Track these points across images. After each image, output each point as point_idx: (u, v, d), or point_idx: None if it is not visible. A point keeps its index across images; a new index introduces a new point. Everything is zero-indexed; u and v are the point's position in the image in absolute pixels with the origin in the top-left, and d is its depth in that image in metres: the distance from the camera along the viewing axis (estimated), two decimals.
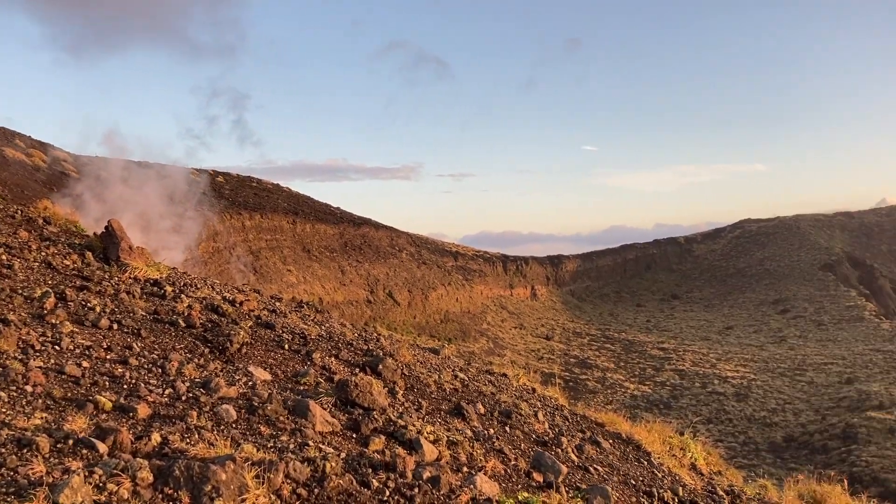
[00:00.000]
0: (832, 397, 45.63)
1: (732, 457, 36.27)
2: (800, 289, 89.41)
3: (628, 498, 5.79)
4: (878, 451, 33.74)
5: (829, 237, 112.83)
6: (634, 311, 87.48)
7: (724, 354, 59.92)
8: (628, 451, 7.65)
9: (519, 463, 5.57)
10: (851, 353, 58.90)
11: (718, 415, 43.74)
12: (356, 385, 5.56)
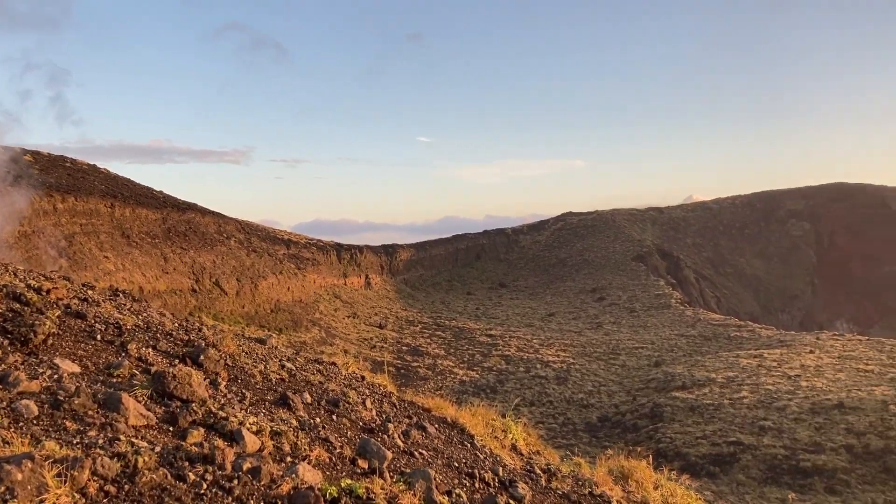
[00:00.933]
0: (642, 379, 49.21)
1: (553, 437, 38.23)
2: (615, 278, 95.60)
3: (451, 480, 5.96)
4: (680, 427, 36.80)
5: (642, 230, 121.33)
6: (465, 299, 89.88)
7: (547, 340, 62.95)
8: (453, 434, 7.87)
9: (344, 451, 5.57)
10: (659, 338, 63.83)
11: (540, 397, 45.91)
12: (174, 377, 5.33)
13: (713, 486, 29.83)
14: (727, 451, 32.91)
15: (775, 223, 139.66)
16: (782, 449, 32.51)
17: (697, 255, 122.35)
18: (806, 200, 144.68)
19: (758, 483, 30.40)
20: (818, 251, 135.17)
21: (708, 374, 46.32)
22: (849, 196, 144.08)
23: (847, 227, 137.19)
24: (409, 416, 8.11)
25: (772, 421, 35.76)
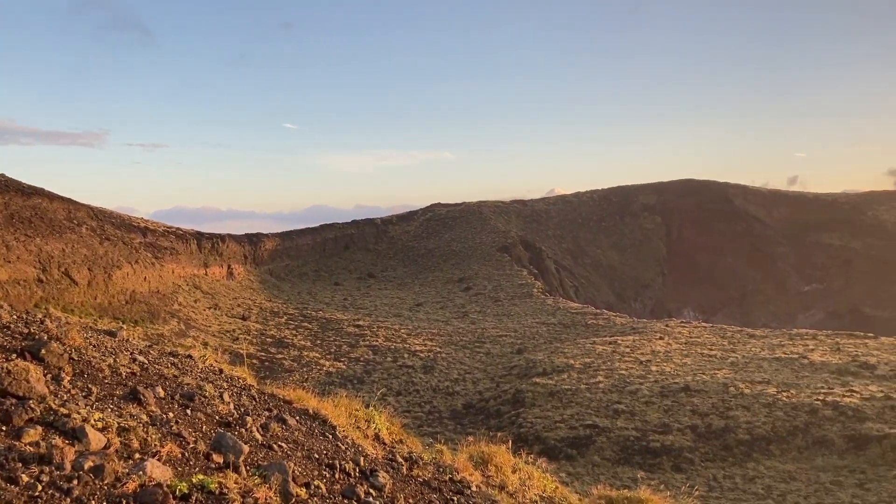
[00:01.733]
0: (505, 366, 50.56)
1: (419, 425, 38.62)
2: (481, 268, 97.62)
3: (310, 471, 5.89)
4: (540, 412, 38.11)
5: (507, 222, 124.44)
6: (332, 290, 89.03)
7: (414, 330, 63.45)
8: (314, 426, 7.78)
9: (199, 446, 5.39)
10: (522, 326, 65.77)
11: (407, 387, 46.24)
12: (8, 372, 4.96)
13: (570, 467, 31.11)
14: (584, 434, 34.41)
15: (629, 216, 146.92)
16: (634, 431, 34.35)
17: (558, 246, 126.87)
18: (657, 196, 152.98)
19: (611, 464, 31.98)
20: (668, 243, 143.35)
21: (567, 361, 48.19)
22: (696, 192, 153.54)
23: (694, 221, 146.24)
24: (269, 408, 7.95)
25: (625, 404, 37.69)
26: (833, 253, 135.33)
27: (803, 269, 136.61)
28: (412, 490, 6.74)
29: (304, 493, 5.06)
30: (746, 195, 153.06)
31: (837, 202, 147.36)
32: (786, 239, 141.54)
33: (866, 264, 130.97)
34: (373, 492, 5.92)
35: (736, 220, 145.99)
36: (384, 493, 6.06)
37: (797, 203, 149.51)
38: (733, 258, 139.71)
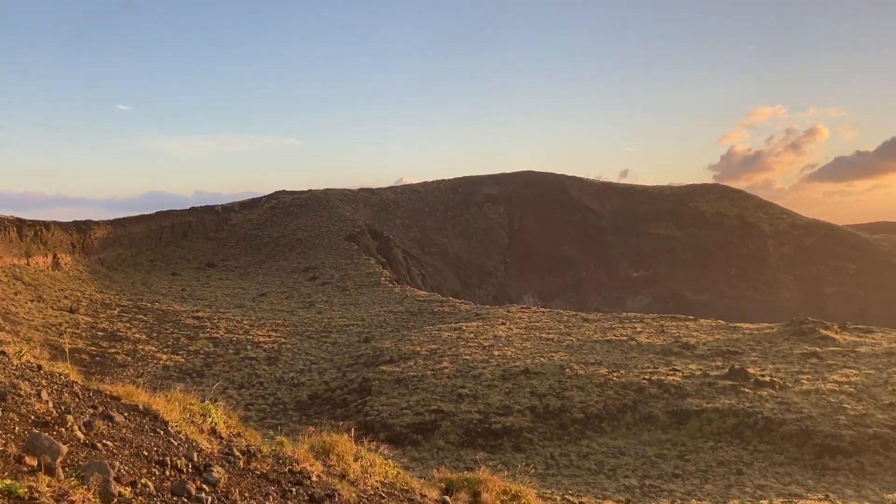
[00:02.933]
0: (352, 355, 50.42)
1: (263, 418, 37.77)
2: (328, 257, 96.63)
3: (138, 470, 5.60)
4: (387, 400, 38.34)
5: (354, 210, 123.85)
6: (170, 280, 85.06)
7: (258, 321, 61.89)
8: (145, 422, 7.40)
9: (9, 448, 4.98)
10: (369, 315, 65.81)
11: (251, 379, 45.08)
12: None
13: (415, 453, 31.54)
14: (429, 420, 34.98)
15: (475, 206, 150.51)
16: (477, 414, 35.32)
17: (406, 235, 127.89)
18: (501, 187, 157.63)
19: (455, 447, 32.74)
20: (510, 232, 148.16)
21: (413, 348, 48.75)
22: (536, 184, 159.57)
23: (534, 212, 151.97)
24: (94, 405, 7.47)
25: (469, 388, 38.67)
26: (659, 242, 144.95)
27: (632, 257, 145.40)
28: (249, 483, 6.57)
29: (129, 493, 4.80)
30: (582, 187, 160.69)
31: (663, 194, 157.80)
32: (617, 228, 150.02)
33: (688, 252, 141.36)
34: (206, 487, 5.72)
35: (572, 210, 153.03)
36: (218, 488, 5.86)
37: (627, 195, 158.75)
38: (569, 246, 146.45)
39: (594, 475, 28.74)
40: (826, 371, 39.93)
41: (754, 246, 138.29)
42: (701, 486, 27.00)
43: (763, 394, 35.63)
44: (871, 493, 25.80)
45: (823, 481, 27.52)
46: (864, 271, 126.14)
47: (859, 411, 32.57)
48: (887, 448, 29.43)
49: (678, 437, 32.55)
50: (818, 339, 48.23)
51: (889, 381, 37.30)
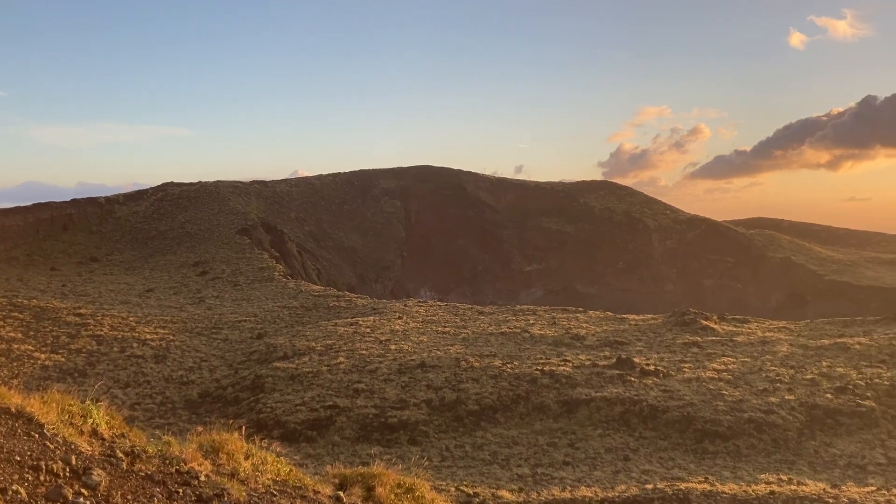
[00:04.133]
0: (244, 352, 49.28)
1: (150, 418, 36.43)
2: (218, 251, 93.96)
3: (9, 476, 5.29)
4: (281, 396, 37.70)
5: (246, 203, 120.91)
6: (48, 276, 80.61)
7: (144, 317, 59.54)
8: (17, 426, 6.99)
9: None
10: (263, 310, 64.46)
11: (137, 378, 43.36)
12: None
13: (310, 449, 31.19)
14: (324, 416, 34.64)
15: (371, 200, 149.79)
16: (373, 408, 35.25)
17: (300, 229, 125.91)
18: (398, 180, 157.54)
19: (351, 442, 32.57)
20: (407, 226, 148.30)
21: (308, 343, 48.12)
22: (433, 178, 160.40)
23: (431, 206, 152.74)
24: None
25: (364, 383, 38.53)
26: (551, 236, 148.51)
27: (526, 251, 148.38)
28: (133, 485, 6.32)
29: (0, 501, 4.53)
30: (477, 182, 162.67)
31: (555, 190, 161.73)
32: (511, 223, 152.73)
33: (578, 246, 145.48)
34: (85, 491, 5.46)
35: (468, 205, 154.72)
36: (98, 492, 5.61)
37: (521, 190, 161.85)
38: (465, 240, 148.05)
39: (488, 465, 29.24)
40: (706, 360, 42.02)
41: (640, 240, 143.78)
42: (590, 472, 27.92)
43: (648, 382, 37.16)
44: (745, 473, 27.37)
45: (703, 464, 28.98)
46: (741, 264, 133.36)
47: (736, 397, 34.47)
48: (761, 431, 31.28)
49: (569, 426, 33.53)
50: (699, 330, 50.70)
51: (763, 368, 39.63)
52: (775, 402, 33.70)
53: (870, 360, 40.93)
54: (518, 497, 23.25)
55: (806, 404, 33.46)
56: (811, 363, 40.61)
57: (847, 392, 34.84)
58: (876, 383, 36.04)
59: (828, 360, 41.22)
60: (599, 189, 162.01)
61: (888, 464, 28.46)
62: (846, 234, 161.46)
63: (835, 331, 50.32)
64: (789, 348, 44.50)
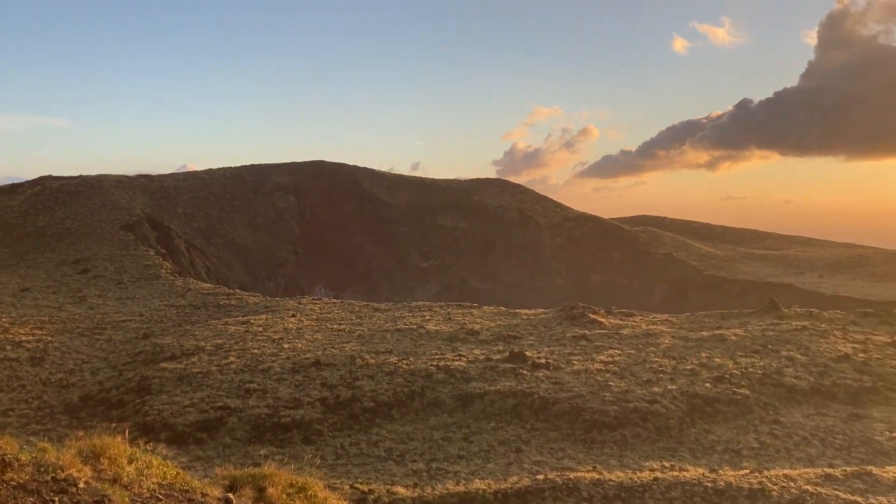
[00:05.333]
0: (129, 353, 47.31)
1: (26, 424, 34.54)
2: (101, 248, 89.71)
3: None
4: (168, 398, 36.42)
5: (131, 198, 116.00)
6: None
7: (20, 318, 56.18)
8: None
9: None
10: (149, 310, 62.05)
11: (11, 382, 40.87)
12: None
13: (200, 451, 30.31)
14: (214, 417, 33.72)
15: (263, 195, 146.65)
16: (266, 408, 34.58)
17: (189, 225, 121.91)
18: (291, 176, 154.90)
19: (243, 443, 31.85)
20: (301, 222, 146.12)
21: (197, 343, 46.71)
22: (328, 173, 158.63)
23: (326, 202, 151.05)
24: None
25: (257, 383, 37.74)
26: (446, 233, 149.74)
27: (422, 247, 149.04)
28: (3, 496, 5.98)
29: None
30: (373, 179, 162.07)
31: (450, 187, 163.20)
32: (407, 220, 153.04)
33: (473, 243, 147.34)
34: None
35: (364, 201, 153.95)
36: None
37: (417, 187, 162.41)
38: (361, 237, 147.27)
39: (383, 462, 29.24)
40: (594, 352, 43.43)
41: (531, 237, 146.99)
42: (483, 465, 28.38)
43: (539, 375, 38.06)
44: (631, 461, 28.49)
45: (592, 454, 29.97)
46: (627, 260, 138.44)
47: (622, 388, 35.80)
48: (645, 420, 32.62)
49: (463, 420, 33.94)
50: (587, 323, 52.33)
51: (647, 359, 41.32)
52: (658, 392, 35.20)
53: (745, 350, 43.36)
54: (413, 492, 23.39)
55: (687, 393, 35.11)
56: (691, 354, 42.64)
57: (724, 381, 36.78)
58: (750, 372, 38.22)
59: (707, 350, 43.38)
60: (494, 187, 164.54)
61: (760, 448, 30.26)
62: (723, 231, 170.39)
63: (713, 323, 53.01)
64: (671, 340, 46.56)
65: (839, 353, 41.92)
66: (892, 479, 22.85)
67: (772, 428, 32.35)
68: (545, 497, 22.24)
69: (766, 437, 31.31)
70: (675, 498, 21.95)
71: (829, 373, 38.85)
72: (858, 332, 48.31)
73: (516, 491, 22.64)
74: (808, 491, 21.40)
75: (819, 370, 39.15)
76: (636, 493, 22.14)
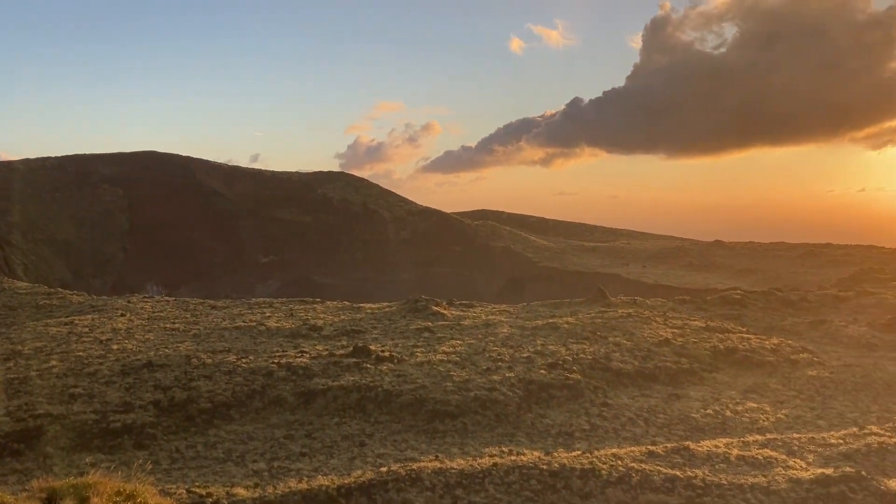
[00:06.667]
0: None
1: None
2: None
3: None
4: None
5: None
6: None
7: None
8: None
9: None
10: None
11: None
12: None
13: (17, 464, 28.01)
14: (34, 425, 31.23)
15: (88, 188, 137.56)
16: (93, 414, 32.46)
17: (2, 220, 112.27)
18: (119, 167, 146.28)
19: (67, 452, 29.74)
20: (131, 216, 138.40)
21: (13, 347, 43.11)
22: (160, 165, 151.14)
23: (158, 195, 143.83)
24: None
25: (82, 387, 35.35)
26: (288, 227, 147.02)
27: (262, 242, 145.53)
28: None
29: None
30: (209, 170, 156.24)
31: (292, 180, 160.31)
32: (246, 213, 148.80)
33: (316, 237, 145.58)
34: None
35: (200, 194, 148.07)
36: None
37: (257, 179, 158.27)
38: (197, 232, 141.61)
39: (222, 464, 28.29)
40: (437, 343, 44.19)
41: (376, 231, 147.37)
42: (327, 461, 28.15)
43: (383, 368, 38.23)
44: (472, 448, 29.26)
45: (434, 443, 30.50)
46: (468, 253, 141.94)
47: (463, 377, 36.67)
48: (485, 408, 33.60)
49: (306, 417, 33.49)
50: (430, 315, 53.16)
51: (487, 349, 42.55)
52: (497, 379, 36.36)
53: (576, 337, 45.67)
54: (253, 493, 22.79)
55: (524, 380, 36.49)
56: (527, 342, 44.36)
57: (558, 367, 38.55)
58: (581, 358, 40.30)
59: (541, 338, 45.30)
60: (337, 180, 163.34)
61: (591, 429, 32.01)
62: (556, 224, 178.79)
63: (547, 312, 55.44)
64: (509, 329, 48.24)
65: (660, 338, 45.10)
66: (706, 453, 24.86)
67: (601, 410, 34.30)
68: (389, 489, 22.36)
69: (596, 419, 33.16)
70: (513, 482, 22.75)
71: (651, 356, 41.68)
72: (677, 317, 52.21)
73: (360, 485, 22.62)
74: (634, 468, 22.85)
75: (643, 354, 41.92)
76: (476, 480, 22.75)
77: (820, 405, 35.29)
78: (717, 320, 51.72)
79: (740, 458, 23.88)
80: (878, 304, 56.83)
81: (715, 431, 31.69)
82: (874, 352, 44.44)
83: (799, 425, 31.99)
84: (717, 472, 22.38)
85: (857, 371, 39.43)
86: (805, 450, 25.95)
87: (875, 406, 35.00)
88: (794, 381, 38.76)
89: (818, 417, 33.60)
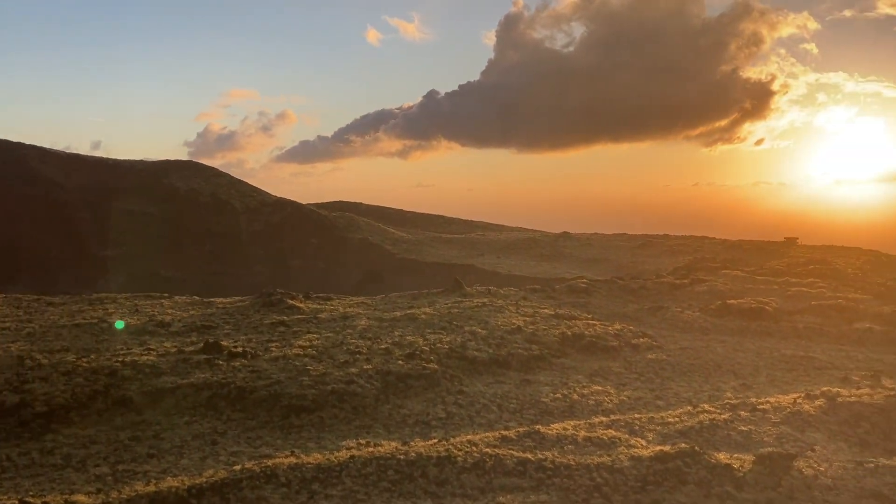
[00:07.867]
0: None
1: None
2: None
3: None
4: None
5: None
6: None
7: None
8: None
9: None
10: None
11: None
12: None
13: None
14: None
15: None
16: None
17: None
18: None
19: None
20: None
21: None
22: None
23: None
24: None
25: None
26: (132, 218, 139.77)
27: (105, 235, 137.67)
28: None
29: None
30: (44, 158, 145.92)
31: (136, 169, 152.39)
32: (87, 204, 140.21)
33: (163, 229, 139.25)
34: None
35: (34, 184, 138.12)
36: None
37: (98, 168, 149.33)
38: (30, 224, 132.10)
39: (60, 470, 26.52)
40: (292, 337, 43.44)
41: (227, 223, 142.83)
42: (176, 461, 27.03)
43: (236, 364, 37.12)
44: (329, 442, 29.03)
45: (290, 439, 30.01)
46: (325, 245, 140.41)
47: (320, 371, 36.27)
48: (342, 401, 33.41)
49: (153, 417, 32.00)
50: (285, 309, 52.16)
51: (344, 342, 42.28)
52: (355, 372, 36.25)
53: (433, 327, 46.31)
54: (96, 499, 21.55)
55: (381, 372, 36.58)
56: (385, 334, 44.52)
57: (415, 357, 38.93)
58: (438, 347, 40.91)
59: (399, 329, 45.58)
60: (185, 169, 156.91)
61: (447, 417, 32.59)
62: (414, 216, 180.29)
63: (405, 303, 55.86)
64: (367, 321, 48.18)
65: (513, 326, 46.55)
66: (556, 435, 25.95)
67: (457, 398, 35.00)
68: (243, 487, 21.80)
69: (453, 407, 33.82)
70: (370, 473, 22.79)
71: (504, 344, 42.95)
72: (528, 306, 54.07)
73: (212, 484, 21.92)
74: (488, 453, 23.51)
75: (497, 342, 43.12)
76: (334, 473, 22.61)
77: (658, 386, 37.66)
78: (566, 308, 53.94)
79: (587, 440, 25.09)
80: (710, 290, 61.31)
81: (564, 414, 33.08)
82: (706, 335, 47.92)
83: (640, 406, 34.00)
84: (565, 453, 23.40)
85: (690, 353, 42.38)
86: (645, 429, 27.63)
87: (707, 385, 37.79)
88: (635, 365, 41.12)
89: (657, 398, 35.87)
